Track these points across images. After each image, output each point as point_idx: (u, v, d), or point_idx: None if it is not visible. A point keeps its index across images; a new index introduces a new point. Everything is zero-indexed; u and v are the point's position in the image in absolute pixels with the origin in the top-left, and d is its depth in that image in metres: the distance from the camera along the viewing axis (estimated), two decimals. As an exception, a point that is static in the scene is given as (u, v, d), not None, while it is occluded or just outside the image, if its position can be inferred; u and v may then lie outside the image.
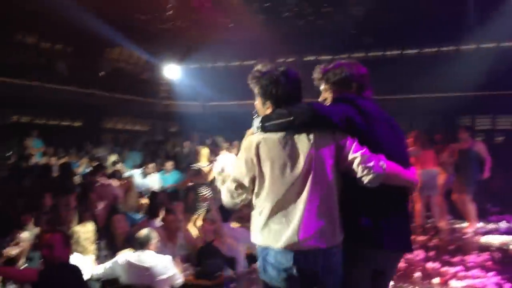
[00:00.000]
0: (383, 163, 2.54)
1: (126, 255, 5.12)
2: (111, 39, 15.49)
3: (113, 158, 12.58)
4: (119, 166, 11.33)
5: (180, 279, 5.22)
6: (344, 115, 2.57)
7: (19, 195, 9.32)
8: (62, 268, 3.92)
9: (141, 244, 5.07)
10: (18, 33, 15.18)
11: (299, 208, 2.50)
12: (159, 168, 11.34)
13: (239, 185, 2.63)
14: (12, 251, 5.24)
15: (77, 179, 9.94)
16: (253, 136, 2.62)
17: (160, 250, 5.72)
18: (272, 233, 2.53)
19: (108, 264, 5.19)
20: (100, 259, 5.77)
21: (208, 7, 12.51)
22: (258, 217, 2.59)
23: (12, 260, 5.13)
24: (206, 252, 5.95)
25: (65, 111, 16.52)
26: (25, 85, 12.79)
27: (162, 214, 6.77)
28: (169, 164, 11.27)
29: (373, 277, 2.73)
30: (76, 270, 4.04)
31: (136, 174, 10.61)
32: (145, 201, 8.40)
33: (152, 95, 17.51)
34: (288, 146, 2.54)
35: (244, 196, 2.65)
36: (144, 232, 5.15)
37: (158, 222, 6.71)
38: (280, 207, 2.52)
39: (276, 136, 2.56)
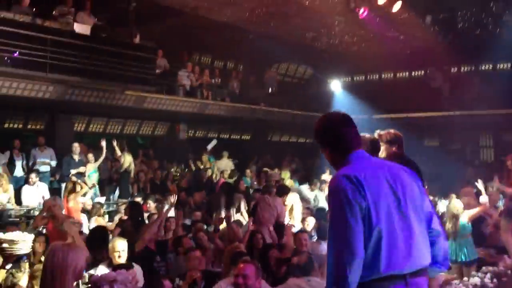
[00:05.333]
0: None
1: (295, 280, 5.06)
2: (278, 56, 16.08)
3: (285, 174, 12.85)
4: (287, 182, 11.49)
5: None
6: None
7: (197, 207, 10.00)
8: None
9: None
10: (195, 54, 16.49)
11: None
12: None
13: None
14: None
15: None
16: None
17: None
18: None
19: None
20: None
21: (375, 21, 12.27)
22: None
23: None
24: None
25: (234, 126, 17.42)
26: (196, 102, 13.64)
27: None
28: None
29: None
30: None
31: (304, 189, 10.69)
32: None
33: (315, 109, 17.64)
34: None
35: None
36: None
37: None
38: None
39: None
